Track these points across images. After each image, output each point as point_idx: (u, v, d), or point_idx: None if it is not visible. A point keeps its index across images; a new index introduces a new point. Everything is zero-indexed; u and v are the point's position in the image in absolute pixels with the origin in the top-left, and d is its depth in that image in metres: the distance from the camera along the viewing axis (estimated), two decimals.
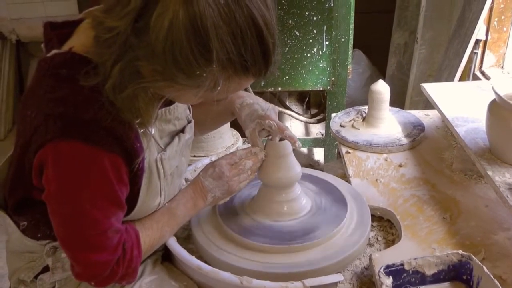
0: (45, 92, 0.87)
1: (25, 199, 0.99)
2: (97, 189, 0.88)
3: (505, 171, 1.15)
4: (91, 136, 0.84)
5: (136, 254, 0.98)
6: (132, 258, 0.97)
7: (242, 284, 0.97)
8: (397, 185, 1.36)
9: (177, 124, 1.08)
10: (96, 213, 0.89)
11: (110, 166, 0.87)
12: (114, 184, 0.89)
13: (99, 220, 0.90)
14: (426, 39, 2.59)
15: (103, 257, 0.92)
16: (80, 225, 0.90)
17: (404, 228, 1.17)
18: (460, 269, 1.02)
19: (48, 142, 0.84)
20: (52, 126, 0.84)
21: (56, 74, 0.88)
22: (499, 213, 1.22)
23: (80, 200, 0.87)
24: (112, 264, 0.94)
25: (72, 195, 0.88)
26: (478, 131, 1.31)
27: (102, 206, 0.90)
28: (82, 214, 0.89)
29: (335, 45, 2.38)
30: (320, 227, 1.13)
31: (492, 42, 2.10)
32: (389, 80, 3.09)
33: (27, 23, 3.26)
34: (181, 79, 0.81)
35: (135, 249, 0.98)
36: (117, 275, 0.96)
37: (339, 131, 1.61)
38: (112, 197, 0.90)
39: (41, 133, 0.85)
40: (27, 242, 1.03)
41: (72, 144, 0.84)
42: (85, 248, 0.92)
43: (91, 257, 0.92)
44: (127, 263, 0.96)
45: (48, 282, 1.03)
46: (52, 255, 1.02)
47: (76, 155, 0.85)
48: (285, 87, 2.51)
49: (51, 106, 0.85)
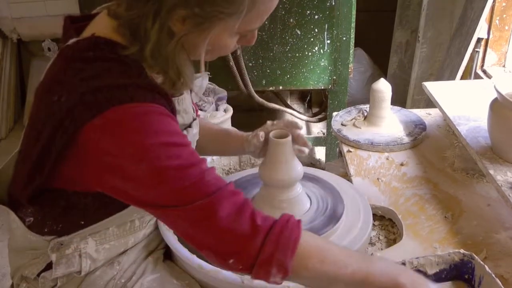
0: (74, 75, 0.85)
1: (40, 189, 0.95)
2: (167, 133, 0.83)
3: (507, 170, 1.15)
4: (137, 95, 0.83)
5: (294, 224, 0.81)
6: (287, 225, 0.80)
7: (244, 283, 0.97)
8: (399, 184, 1.36)
9: (185, 118, 1.08)
10: (180, 144, 0.83)
11: (165, 114, 0.86)
12: (177, 128, 0.87)
13: (190, 152, 0.84)
14: (428, 37, 2.58)
15: (221, 195, 0.80)
16: (167, 178, 0.80)
17: (406, 227, 1.17)
18: (462, 268, 1.01)
19: (92, 118, 0.81)
20: (91, 102, 0.81)
21: (83, 57, 0.87)
22: (501, 212, 1.21)
23: (153, 152, 0.80)
24: (241, 209, 0.80)
25: (148, 147, 0.80)
26: (480, 130, 1.31)
27: (182, 141, 0.84)
28: (161, 168, 0.80)
29: (337, 43, 2.38)
30: (321, 226, 1.12)
31: (493, 40, 2.10)
32: (391, 78, 3.09)
33: (28, 22, 3.26)
34: (221, 7, 0.81)
35: (292, 221, 0.82)
36: (260, 242, 0.78)
37: (340, 130, 1.61)
38: (182, 140, 0.85)
39: (80, 112, 0.81)
40: (31, 238, 1.02)
41: (119, 108, 0.81)
42: (195, 195, 0.79)
43: (210, 205, 0.79)
44: (278, 229, 0.79)
45: (50, 279, 1.03)
46: (57, 251, 1.01)
47: (130, 115, 0.81)
48: (287, 86, 2.51)
49: (84, 85, 0.83)
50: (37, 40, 3.15)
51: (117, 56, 0.87)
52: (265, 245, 0.79)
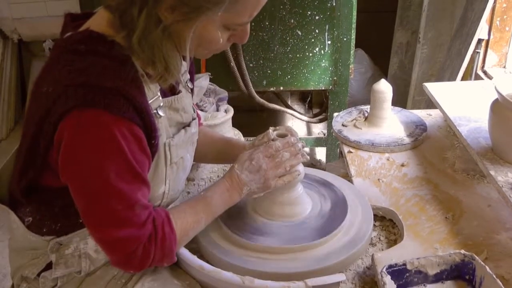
0: (64, 66, 0.88)
1: (35, 183, 0.97)
2: (121, 159, 0.87)
3: (507, 170, 1.15)
4: (113, 104, 0.84)
5: (168, 231, 0.96)
6: (165, 236, 0.95)
7: (244, 284, 0.97)
8: (399, 185, 1.36)
9: (184, 116, 1.08)
10: (122, 185, 0.88)
11: (133, 137, 0.87)
12: (137, 156, 0.89)
13: (125, 193, 0.89)
14: (428, 38, 2.59)
15: (131, 232, 0.91)
16: (106, 198, 0.88)
17: (407, 228, 1.17)
18: (462, 269, 1.02)
19: (70, 111, 0.84)
20: (73, 95, 0.84)
21: (75, 49, 0.89)
22: (502, 213, 1.21)
23: (105, 169, 0.86)
24: (143, 241, 0.92)
25: (95, 166, 0.86)
26: (481, 130, 1.31)
27: (128, 179, 0.88)
28: (107, 187, 0.87)
29: (337, 44, 2.38)
30: (322, 227, 1.13)
31: (494, 41, 2.10)
32: (391, 79, 3.09)
33: (29, 23, 3.26)
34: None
35: (166, 226, 0.96)
36: (151, 254, 0.94)
37: (341, 130, 1.61)
38: (136, 171, 0.89)
39: (62, 103, 0.84)
40: (31, 238, 1.03)
41: (94, 112, 0.84)
42: (112, 224, 0.90)
43: (119, 233, 0.90)
44: (160, 242, 0.95)
45: (50, 279, 1.03)
46: (56, 251, 1.02)
47: (99, 123, 0.85)
48: (287, 87, 2.51)
49: (71, 77, 0.85)
50: (38, 40, 3.15)
51: (109, 50, 0.88)
52: (153, 261, 0.96)
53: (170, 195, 1.08)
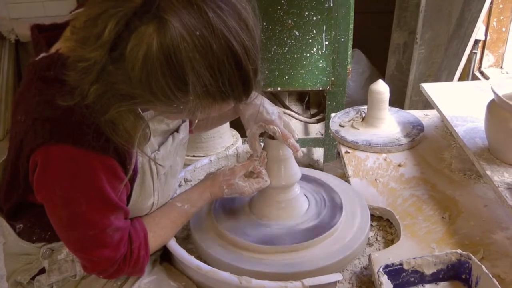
0: (34, 95, 0.86)
1: (20, 203, 0.98)
2: (91, 190, 0.87)
3: (503, 170, 1.15)
4: (81, 139, 0.83)
5: (143, 254, 0.99)
6: (139, 258, 0.99)
7: (241, 284, 0.97)
8: (397, 185, 1.36)
9: (170, 124, 1.07)
10: (92, 214, 0.89)
11: (103, 167, 0.86)
12: (107, 186, 0.88)
13: (96, 220, 0.90)
14: (426, 39, 2.59)
15: (106, 253, 0.93)
16: (78, 226, 0.90)
17: (403, 228, 1.17)
18: (459, 268, 1.02)
19: (39, 147, 0.83)
20: (40, 131, 0.83)
21: (43, 77, 0.87)
22: (498, 213, 1.22)
23: (75, 202, 0.87)
24: (117, 261, 0.95)
25: (66, 198, 0.87)
26: (477, 131, 1.31)
27: (99, 207, 0.89)
28: (79, 216, 0.89)
29: (335, 45, 2.38)
30: (319, 227, 1.13)
31: (491, 42, 2.11)
32: (389, 80, 3.09)
33: (27, 23, 3.26)
34: (160, 106, 0.81)
35: (142, 250, 0.99)
36: (123, 272, 0.98)
37: (338, 131, 1.61)
38: (107, 198, 0.89)
39: (31, 138, 0.84)
40: (23, 245, 1.03)
41: (61, 147, 0.83)
42: (86, 247, 0.93)
43: (94, 254, 0.93)
44: (133, 262, 0.98)
45: (46, 284, 1.04)
46: (49, 257, 1.02)
47: (67, 159, 0.84)
48: (285, 87, 2.51)
49: (39, 110, 0.84)
50: None
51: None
52: (123, 274, 1.00)
53: (160, 203, 1.07)
